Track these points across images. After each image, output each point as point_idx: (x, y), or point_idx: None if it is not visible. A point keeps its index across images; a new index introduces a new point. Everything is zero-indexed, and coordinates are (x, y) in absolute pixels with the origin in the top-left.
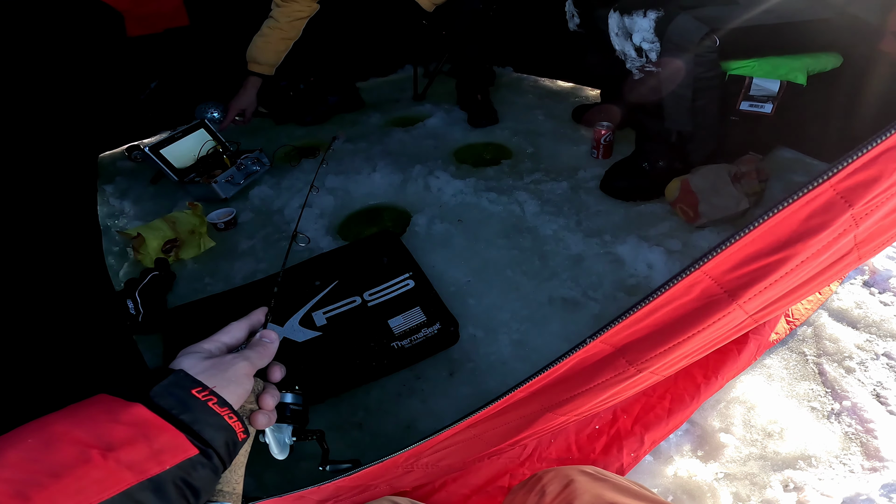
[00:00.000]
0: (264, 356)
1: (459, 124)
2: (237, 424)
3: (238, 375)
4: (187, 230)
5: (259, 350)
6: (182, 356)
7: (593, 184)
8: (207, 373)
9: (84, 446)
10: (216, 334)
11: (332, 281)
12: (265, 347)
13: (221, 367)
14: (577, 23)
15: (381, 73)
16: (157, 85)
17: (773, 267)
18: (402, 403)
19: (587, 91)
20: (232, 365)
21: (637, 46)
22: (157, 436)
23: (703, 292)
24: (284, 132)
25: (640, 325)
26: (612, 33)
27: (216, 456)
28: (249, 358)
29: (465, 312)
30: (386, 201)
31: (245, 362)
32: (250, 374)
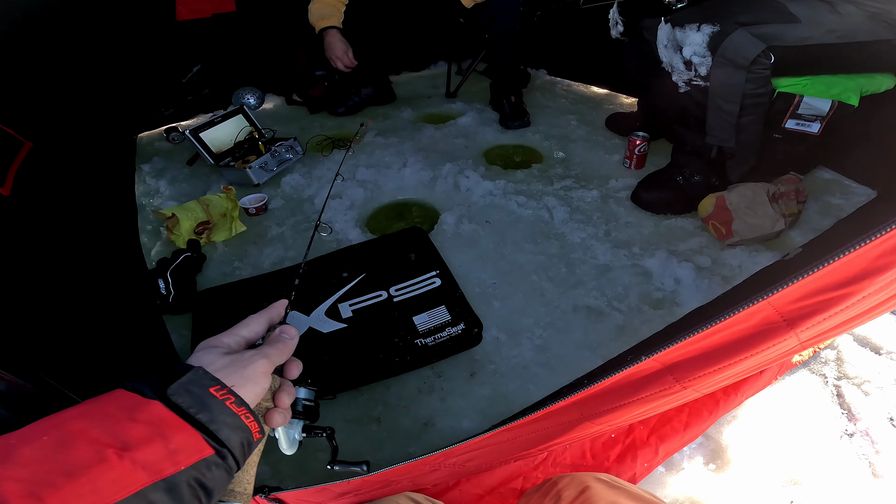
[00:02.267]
0: (283, 353)
1: (491, 125)
2: (253, 424)
3: (256, 374)
4: (220, 213)
5: (279, 347)
6: (201, 351)
7: (624, 194)
8: (226, 370)
9: (100, 445)
10: (235, 328)
11: (360, 273)
12: (284, 344)
13: (240, 364)
14: (621, 31)
15: (415, 68)
16: (199, 69)
17: (836, 301)
18: (421, 400)
19: (622, 98)
20: (251, 363)
21: (686, 60)
22: (173, 435)
23: (763, 319)
24: (317, 122)
25: (694, 346)
26: (660, 45)
27: (231, 456)
28: (269, 355)
29: (489, 314)
30: (415, 197)
31: (264, 360)
32: (268, 372)
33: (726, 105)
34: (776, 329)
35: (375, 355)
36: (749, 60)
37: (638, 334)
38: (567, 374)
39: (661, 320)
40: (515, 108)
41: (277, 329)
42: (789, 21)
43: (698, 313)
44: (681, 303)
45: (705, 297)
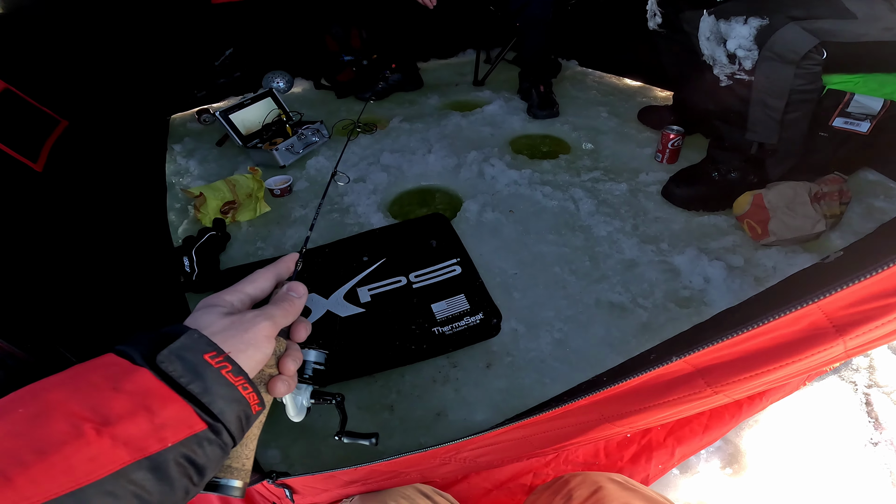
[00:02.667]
0: (290, 313)
1: (518, 114)
2: (252, 396)
3: (258, 338)
4: (245, 193)
5: (284, 306)
6: (200, 310)
7: (654, 189)
8: (225, 333)
9: (77, 419)
10: (240, 284)
11: (380, 258)
12: (291, 303)
13: (241, 326)
14: (659, 22)
15: (443, 55)
16: (231, 52)
17: (890, 308)
18: (435, 390)
19: (655, 91)
20: (253, 325)
21: (730, 53)
22: (160, 408)
23: (810, 325)
24: (344, 106)
25: (731, 349)
26: (701, 37)
27: (226, 431)
28: (273, 316)
29: (508, 305)
30: (438, 184)
31: (267, 322)
32: (272, 336)
33: (771, 100)
34: (824, 335)
35: (392, 342)
36: (799, 55)
37: (662, 333)
38: (586, 370)
39: (687, 319)
40: (544, 97)
41: (285, 286)
42: (845, 17)
43: (728, 314)
44: (709, 302)
45: (736, 298)
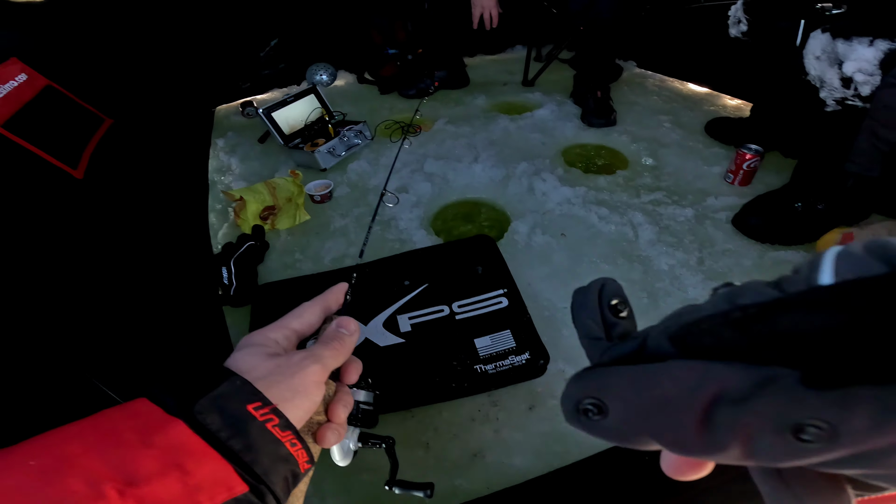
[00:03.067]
0: (341, 353)
1: (571, 120)
2: (301, 453)
3: (307, 384)
4: (285, 197)
5: (335, 345)
6: (242, 350)
7: (724, 216)
8: (270, 378)
9: (97, 478)
10: (286, 319)
11: (422, 283)
12: (342, 342)
13: (288, 370)
14: (744, 30)
15: (491, 50)
16: (276, 43)
17: None
18: (473, 429)
19: (724, 100)
20: (301, 369)
21: (846, 76)
22: (195, 467)
23: None
24: (387, 103)
25: None
26: (808, 55)
27: (270, 494)
28: (322, 359)
29: (556, 343)
30: (485, 197)
31: (317, 365)
32: (322, 381)
33: (884, 131)
34: None
35: (432, 377)
36: None
37: None
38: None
39: None
40: (601, 104)
41: (334, 322)
42: None
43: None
44: None
45: None
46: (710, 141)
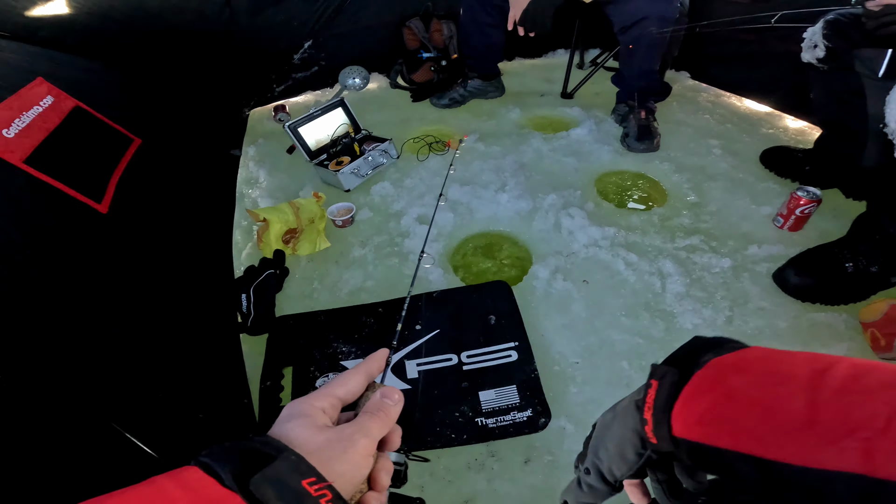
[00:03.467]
0: (387, 424)
1: (610, 142)
2: None
3: (358, 458)
4: (308, 218)
5: (381, 417)
6: (291, 422)
7: (765, 268)
8: (322, 454)
9: None
10: (330, 387)
11: (434, 329)
12: (387, 413)
13: (339, 445)
14: (820, 56)
15: (529, 53)
16: (310, 44)
17: None
18: (468, 477)
19: (785, 121)
20: (352, 444)
21: None
22: None
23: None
24: (418, 112)
25: None
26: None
27: None
28: (371, 433)
29: (561, 399)
30: (509, 231)
31: (366, 440)
32: (371, 454)
33: None
34: None
35: (433, 427)
36: None
37: None
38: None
39: None
40: (644, 126)
41: (378, 392)
42: None
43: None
44: None
45: None
46: (763, 173)
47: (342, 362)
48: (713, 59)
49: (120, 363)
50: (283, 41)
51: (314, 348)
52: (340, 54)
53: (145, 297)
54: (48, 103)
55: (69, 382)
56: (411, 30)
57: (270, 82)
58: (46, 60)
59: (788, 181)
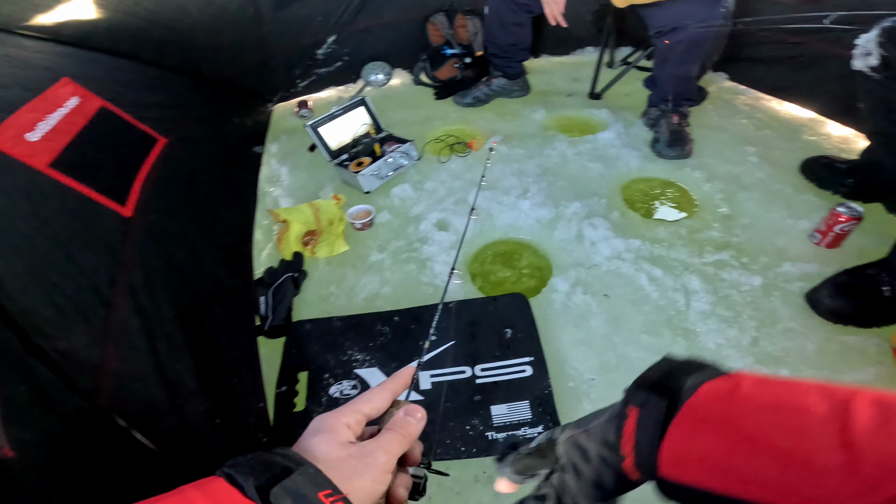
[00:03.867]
0: (408, 440)
1: (639, 147)
2: None
3: (376, 474)
4: (328, 219)
5: (403, 434)
6: (317, 437)
7: (797, 287)
8: (343, 469)
9: None
10: (356, 403)
11: (449, 340)
12: (409, 430)
13: (361, 461)
14: (873, 65)
15: (557, 50)
16: (333, 40)
17: None
18: (475, 490)
19: (828, 128)
20: (373, 461)
21: None
22: None
23: None
24: (441, 111)
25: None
26: None
27: None
28: (391, 450)
29: (573, 415)
30: (529, 239)
31: (386, 457)
32: (391, 470)
33: None
34: None
35: (443, 439)
36: None
37: None
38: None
39: None
40: (676, 132)
41: (402, 409)
42: None
43: None
44: None
45: None
46: (802, 184)
47: (356, 370)
48: (753, 60)
49: (139, 366)
50: (306, 36)
51: (329, 354)
52: (364, 50)
53: (166, 299)
54: (74, 104)
55: (84, 387)
56: (435, 25)
57: (294, 78)
58: (72, 60)
59: (829, 193)
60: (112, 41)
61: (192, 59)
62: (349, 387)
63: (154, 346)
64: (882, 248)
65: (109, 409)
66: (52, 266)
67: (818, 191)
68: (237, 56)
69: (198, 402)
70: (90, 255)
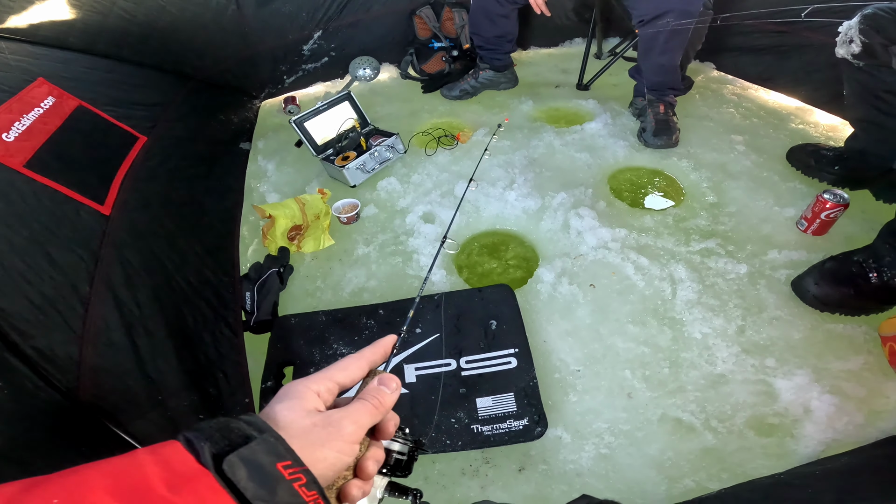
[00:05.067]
0: (379, 412)
1: (625, 137)
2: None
3: (341, 445)
4: (314, 214)
5: (374, 405)
6: (283, 402)
7: (783, 274)
8: (306, 437)
9: None
10: (330, 370)
11: (434, 332)
12: (381, 401)
13: (324, 431)
14: (855, 52)
15: (545, 42)
16: (319, 36)
17: None
18: (462, 483)
19: (816, 116)
20: (338, 430)
21: None
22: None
23: None
24: (427, 105)
25: None
26: None
27: None
28: (360, 420)
29: (560, 408)
30: (516, 230)
31: (353, 427)
32: (357, 441)
33: None
34: None
35: (428, 432)
36: None
37: (726, 462)
38: (621, 490)
39: (761, 451)
40: (662, 121)
41: (376, 379)
42: None
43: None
44: (798, 436)
45: (835, 436)
46: (789, 172)
47: None
48: (739, 49)
49: (119, 362)
50: (291, 32)
51: (314, 349)
52: (350, 45)
53: (147, 296)
54: (49, 104)
55: (65, 384)
56: (422, 19)
57: (280, 74)
58: (48, 60)
59: (815, 181)
60: (88, 41)
61: (173, 58)
62: None
63: (135, 343)
64: (869, 234)
65: (89, 405)
66: (29, 265)
67: (804, 178)
68: (220, 53)
69: (181, 398)
70: (68, 254)
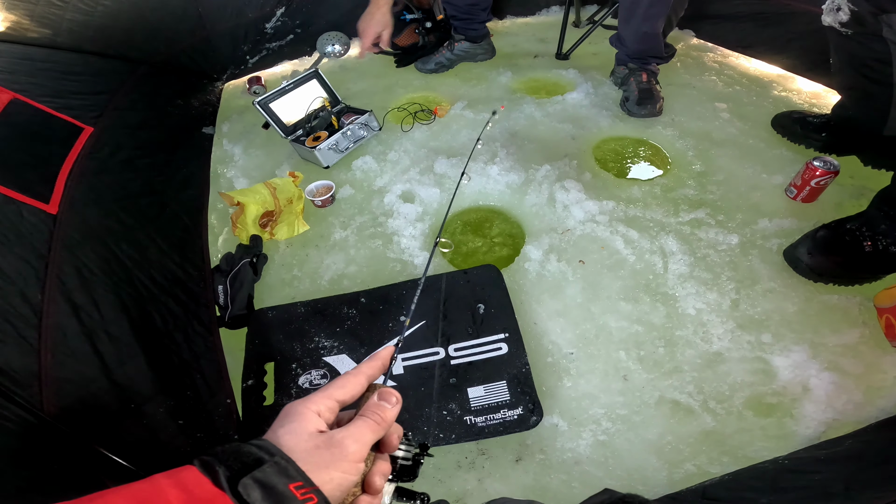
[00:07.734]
0: (381, 427)
1: (609, 107)
2: None
3: (346, 465)
4: (286, 198)
5: (375, 421)
6: (285, 426)
7: (775, 244)
8: (312, 459)
9: None
10: (330, 389)
11: (420, 320)
12: (383, 416)
13: (329, 452)
14: (843, 20)
15: (522, 11)
16: (283, 12)
17: None
18: (458, 476)
19: (798, 83)
20: (343, 449)
21: None
22: None
23: None
24: (402, 79)
25: None
26: None
27: None
28: (362, 438)
29: (554, 393)
30: (499, 206)
31: (357, 446)
32: (363, 459)
33: None
34: None
35: (420, 426)
36: None
37: (726, 444)
38: (622, 477)
39: (761, 432)
40: (646, 90)
41: (375, 394)
42: None
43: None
44: (797, 416)
45: (835, 415)
46: (775, 139)
47: (324, 358)
48: (719, 17)
49: (83, 372)
50: (250, 10)
51: (295, 343)
52: (316, 20)
53: (107, 298)
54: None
55: (27, 399)
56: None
57: (243, 54)
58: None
59: (802, 148)
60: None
61: (117, 43)
62: (318, 376)
63: (97, 349)
64: (859, 200)
65: (55, 419)
66: None
67: (791, 145)
68: (172, 36)
69: (156, 404)
70: (13, 259)
